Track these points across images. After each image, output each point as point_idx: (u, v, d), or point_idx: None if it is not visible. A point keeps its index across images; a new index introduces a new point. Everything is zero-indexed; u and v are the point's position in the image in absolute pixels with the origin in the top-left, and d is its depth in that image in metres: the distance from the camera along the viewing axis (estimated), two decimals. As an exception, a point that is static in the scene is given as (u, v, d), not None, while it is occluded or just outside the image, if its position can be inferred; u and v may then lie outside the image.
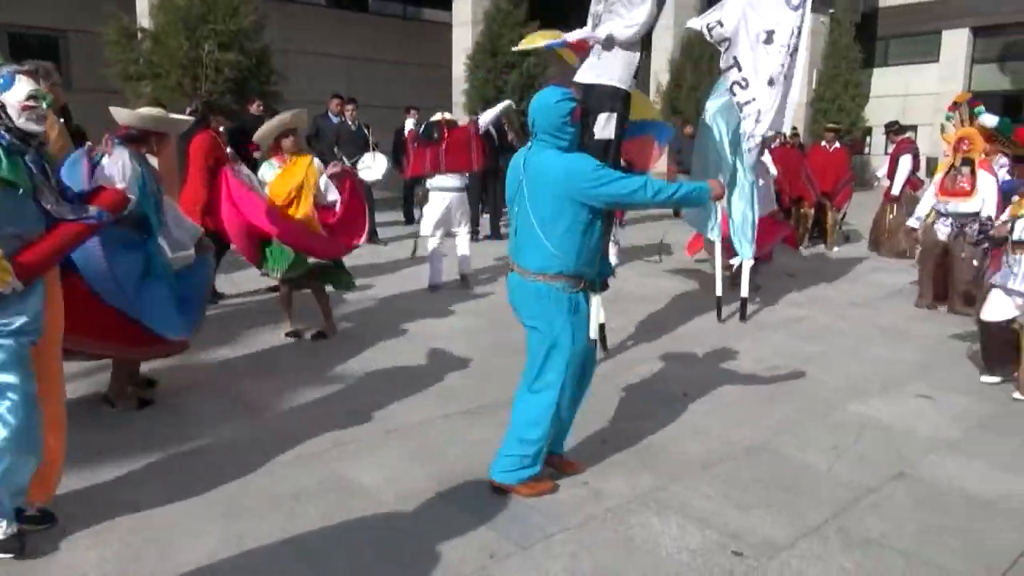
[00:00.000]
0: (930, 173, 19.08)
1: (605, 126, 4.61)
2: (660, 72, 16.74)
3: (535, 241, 3.04)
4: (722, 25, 5.67)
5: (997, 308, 4.72)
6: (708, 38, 5.66)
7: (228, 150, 6.91)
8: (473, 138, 7.28)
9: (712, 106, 6.21)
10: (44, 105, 2.73)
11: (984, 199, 6.38)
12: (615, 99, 4.67)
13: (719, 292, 6.43)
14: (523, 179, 3.07)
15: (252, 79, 10.20)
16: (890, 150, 10.01)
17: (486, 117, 7.63)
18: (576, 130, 3.07)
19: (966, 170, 6.50)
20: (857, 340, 5.97)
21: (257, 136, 5.56)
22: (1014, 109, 18.05)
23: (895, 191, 9.49)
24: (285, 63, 12.05)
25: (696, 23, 5.62)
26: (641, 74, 17.19)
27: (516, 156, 3.20)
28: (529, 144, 3.12)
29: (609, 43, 4.39)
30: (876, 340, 5.98)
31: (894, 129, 10.09)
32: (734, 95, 5.73)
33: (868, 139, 20.56)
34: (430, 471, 3.46)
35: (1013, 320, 4.70)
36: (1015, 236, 4.52)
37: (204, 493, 3.20)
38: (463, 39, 14.01)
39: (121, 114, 4.08)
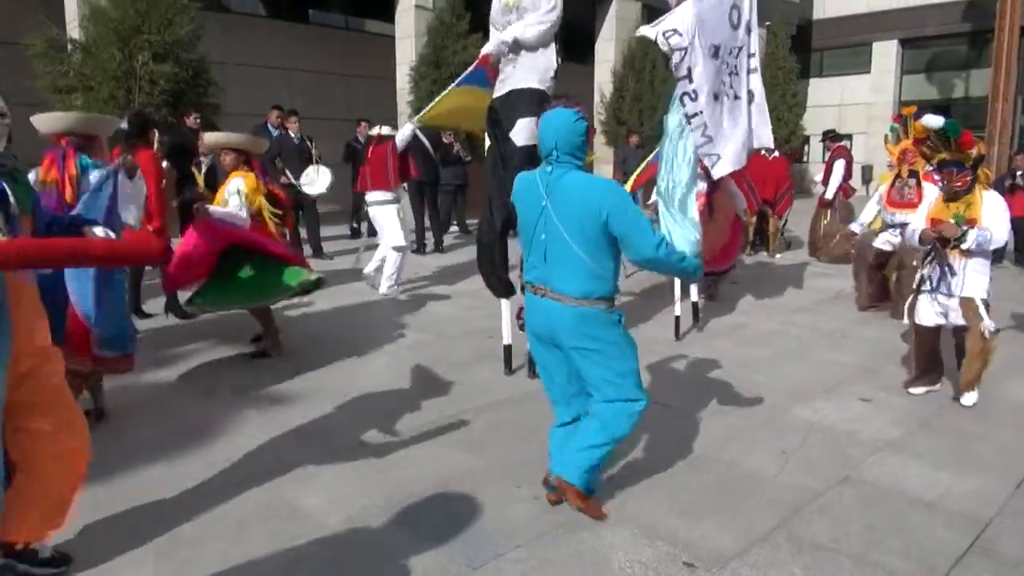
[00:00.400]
0: (865, 181, 19.78)
1: (527, 131, 4.63)
2: (604, 83, 16.92)
3: (577, 266, 2.92)
4: (679, 34, 5.67)
5: (927, 313, 4.70)
6: (665, 47, 5.61)
7: (164, 164, 6.73)
8: (390, 155, 7.40)
9: (672, 121, 6.05)
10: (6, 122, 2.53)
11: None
12: (533, 102, 4.67)
13: (678, 312, 6.26)
14: (547, 203, 2.94)
15: (189, 91, 9.95)
16: (827, 158, 10.33)
17: (400, 136, 7.71)
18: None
19: (913, 182, 6.67)
20: (801, 344, 6.08)
21: (211, 141, 5.40)
22: (942, 116, 18.77)
23: (828, 196, 9.87)
24: (224, 75, 11.79)
25: (649, 32, 5.59)
26: (585, 85, 17.41)
27: (527, 180, 3.08)
28: (548, 167, 2.98)
29: (516, 47, 4.39)
30: (819, 344, 6.11)
31: (830, 136, 10.48)
32: (683, 106, 5.74)
33: (806, 148, 21.13)
34: (379, 492, 3.37)
35: (939, 330, 4.72)
36: (966, 244, 4.40)
37: (143, 520, 3.06)
38: (406, 51, 13.94)
39: (46, 120, 3.91)
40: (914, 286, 4.80)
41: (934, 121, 4.66)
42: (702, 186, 7.62)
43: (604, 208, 2.85)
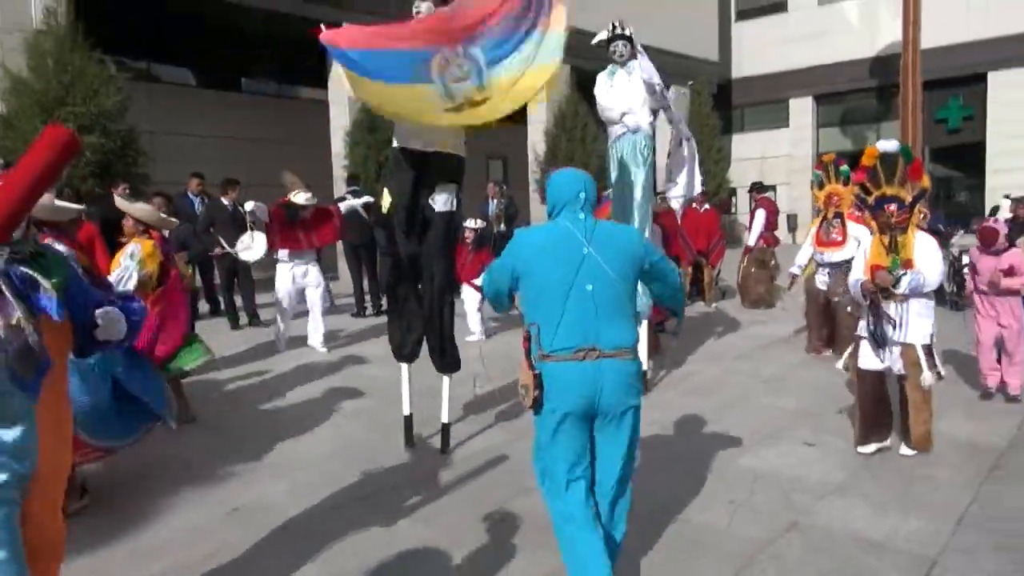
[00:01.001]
0: (791, 229, 20.46)
1: (449, 200, 4.59)
2: (537, 143, 17.29)
3: (628, 312, 2.84)
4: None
5: (869, 357, 4.62)
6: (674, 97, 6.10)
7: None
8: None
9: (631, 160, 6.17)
10: None
11: (857, 245, 6.88)
12: (457, 171, 4.61)
13: (646, 366, 5.97)
14: (590, 250, 2.78)
15: (117, 162, 9.73)
16: (751, 208, 10.79)
17: (346, 205, 8.21)
18: None
19: (837, 223, 7.07)
20: (744, 392, 6.17)
21: (118, 203, 5.24)
22: (855, 167, 19.78)
23: (750, 243, 10.27)
24: (154, 144, 11.62)
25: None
26: (519, 145, 17.67)
27: (554, 233, 2.85)
28: (579, 215, 2.87)
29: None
30: (761, 390, 6.20)
31: (756, 188, 11.00)
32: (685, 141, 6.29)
33: (733, 199, 21.87)
34: (323, 571, 3.23)
35: (885, 375, 4.63)
36: (900, 289, 4.40)
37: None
38: (340, 116, 14.01)
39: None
40: (856, 333, 4.72)
41: (888, 145, 4.70)
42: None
43: (643, 246, 2.97)
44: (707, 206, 11.21)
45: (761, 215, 10.26)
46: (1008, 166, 18.59)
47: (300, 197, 7.70)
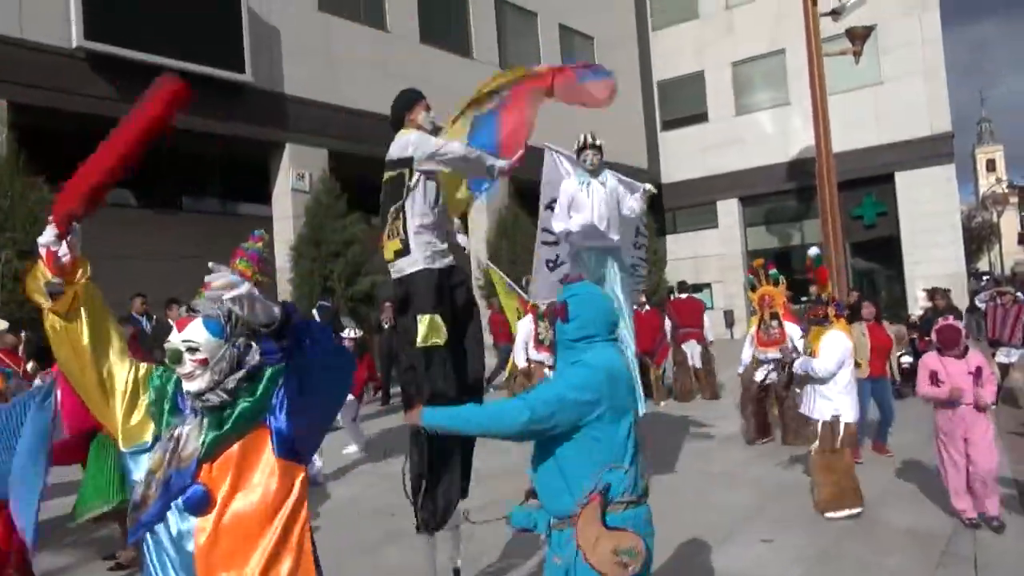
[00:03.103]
0: (728, 324, 21.06)
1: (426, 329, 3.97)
2: (479, 251, 17.68)
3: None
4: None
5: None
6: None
7: (30, 365, 6.41)
8: None
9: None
10: None
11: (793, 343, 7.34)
12: (431, 289, 3.94)
13: None
14: (638, 390, 2.71)
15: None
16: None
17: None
18: None
19: (775, 323, 7.44)
20: (697, 490, 6.24)
21: None
22: (783, 264, 20.76)
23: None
24: (95, 267, 11.44)
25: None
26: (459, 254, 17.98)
27: (614, 366, 2.53)
28: (619, 347, 2.73)
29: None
30: (715, 487, 6.29)
31: (684, 288, 12.10)
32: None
33: (672, 298, 22.57)
34: None
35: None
36: (796, 366, 5.56)
37: None
38: (284, 231, 14.15)
39: None
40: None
41: (813, 251, 5.93)
42: None
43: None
44: (647, 306, 11.57)
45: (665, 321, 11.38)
46: (924, 257, 19.82)
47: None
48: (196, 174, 15.97)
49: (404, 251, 3.82)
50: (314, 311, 9.56)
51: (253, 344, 1.90)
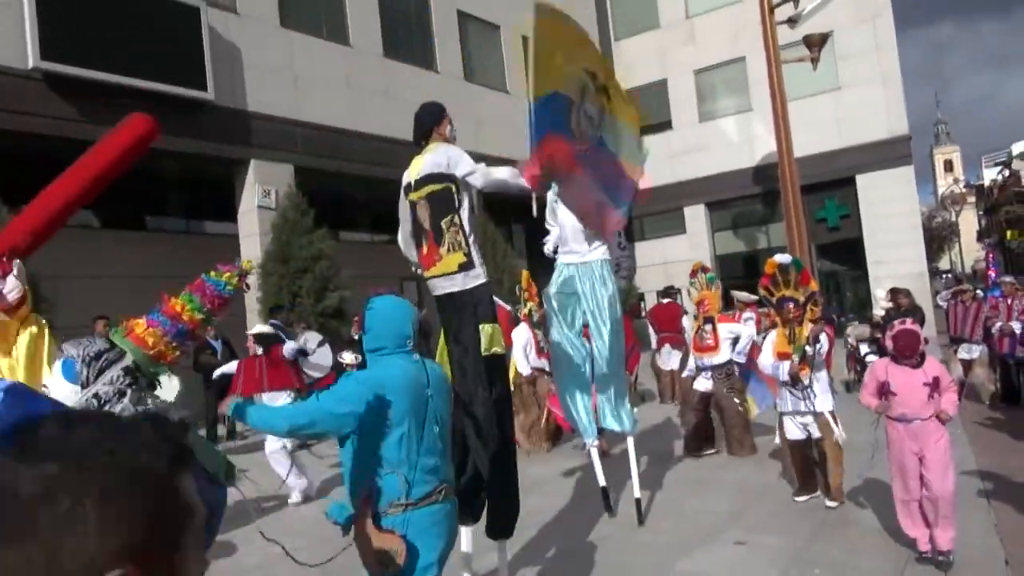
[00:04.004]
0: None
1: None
2: (449, 263, 17.68)
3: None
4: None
5: (792, 430, 5.69)
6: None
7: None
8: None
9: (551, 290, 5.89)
10: None
11: (732, 344, 7.48)
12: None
13: (602, 482, 5.59)
14: (431, 392, 2.77)
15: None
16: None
17: (289, 348, 7.82)
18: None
19: (708, 327, 7.41)
20: (672, 495, 6.27)
21: None
22: (751, 267, 21.07)
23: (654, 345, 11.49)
24: (56, 289, 11.26)
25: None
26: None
27: (401, 371, 2.71)
28: (413, 356, 2.83)
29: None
30: (691, 493, 6.33)
31: (667, 292, 12.02)
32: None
33: (643, 304, 22.70)
34: None
35: (808, 440, 5.65)
36: (810, 352, 5.49)
37: None
38: (251, 249, 14.01)
39: None
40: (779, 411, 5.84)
41: (783, 258, 5.77)
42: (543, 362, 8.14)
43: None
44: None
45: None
46: (886, 257, 20.21)
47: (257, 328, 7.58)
48: (160, 193, 15.77)
49: (469, 264, 3.90)
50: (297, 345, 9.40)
51: (127, 393, 1.75)
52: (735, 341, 7.47)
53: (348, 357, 8.32)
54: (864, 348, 10.93)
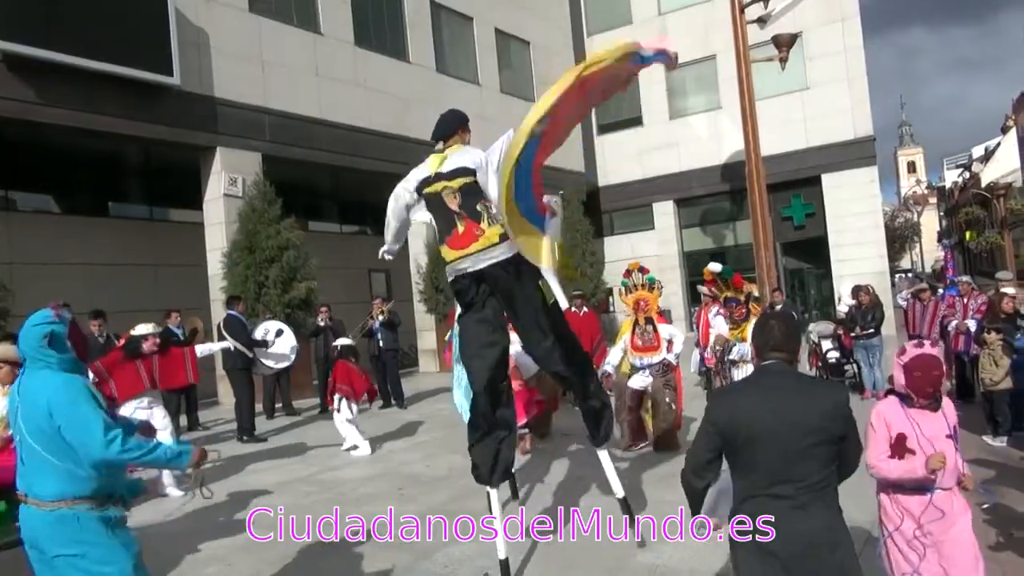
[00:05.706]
0: (671, 321, 21.43)
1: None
2: (419, 255, 17.63)
3: (45, 466, 2.90)
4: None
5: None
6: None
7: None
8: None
9: None
10: None
11: (671, 344, 7.55)
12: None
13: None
14: (19, 405, 3.02)
15: (-29, 297, 9.18)
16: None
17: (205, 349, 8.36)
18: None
19: (650, 328, 7.46)
20: (635, 488, 6.32)
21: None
22: (719, 263, 21.28)
23: None
24: (14, 275, 11.02)
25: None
26: (401, 258, 17.91)
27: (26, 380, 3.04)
28: (22, 372, 3.11)
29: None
30: (654, 484, 6.40)
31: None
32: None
33: (610, 299, 22.85)
34: None
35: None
36: (732, 356, 6.14)
37: None
38: (216, 238, 13.82)
39: None
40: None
41: (715, 267, 6.42)
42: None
43: (50, 405, 2.88)
44: (585, 308, 11.69)
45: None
46: (850, 256, 20.59)
47: (140, 328, 7.27)
48: (123, 179, 15.49)
49: (506, 235, 4.41)
50: (215, 346, 9.35)
51: None
52: (670, 342, 7.54)
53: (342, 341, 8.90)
54: (827, 344, 11.12)
